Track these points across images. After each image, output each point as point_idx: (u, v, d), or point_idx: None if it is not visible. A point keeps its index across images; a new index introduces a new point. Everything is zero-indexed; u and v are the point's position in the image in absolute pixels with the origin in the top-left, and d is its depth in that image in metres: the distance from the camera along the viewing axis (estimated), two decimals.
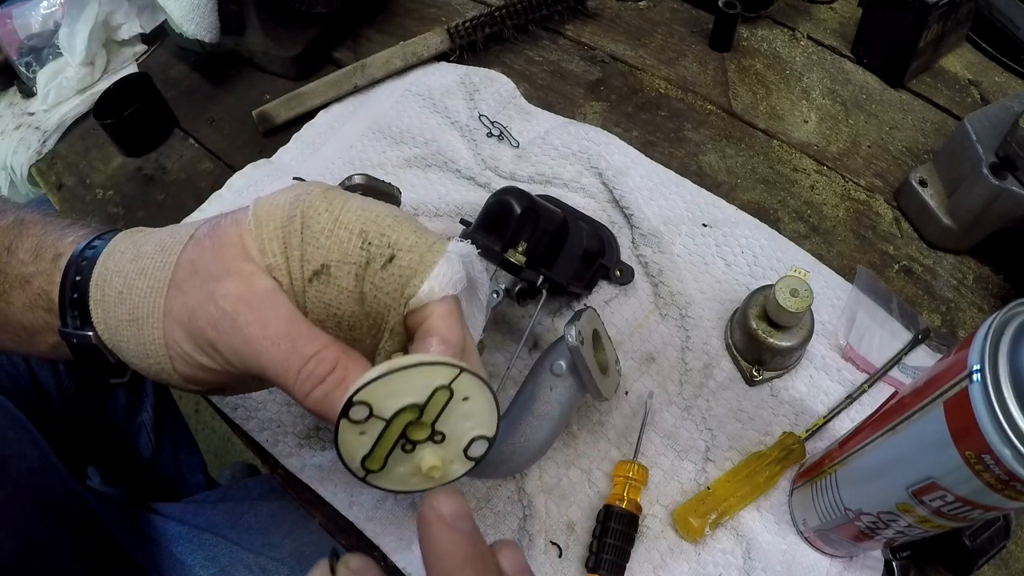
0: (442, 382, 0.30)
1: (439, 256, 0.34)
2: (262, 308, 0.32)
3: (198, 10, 0.77)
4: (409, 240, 0.34)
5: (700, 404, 0.59)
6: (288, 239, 0.33)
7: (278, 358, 0.31)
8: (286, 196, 0.35)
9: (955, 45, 0.82)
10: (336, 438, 0.30)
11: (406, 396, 0.30)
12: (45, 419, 0.65)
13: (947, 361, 0.36)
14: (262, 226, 0.34)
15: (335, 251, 0.33)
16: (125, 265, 0.35)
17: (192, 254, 0.34)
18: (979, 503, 0.35)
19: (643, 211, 0.68)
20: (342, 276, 0.33)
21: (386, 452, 0.31)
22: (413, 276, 0.33)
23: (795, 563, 0.52)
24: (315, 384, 0.31)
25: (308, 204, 0.34)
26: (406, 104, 0.81)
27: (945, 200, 0.66)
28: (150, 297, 0.34)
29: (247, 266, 0.33)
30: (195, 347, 0.33)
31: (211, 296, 0.32)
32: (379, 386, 0.29)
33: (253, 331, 0.31)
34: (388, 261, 0.33)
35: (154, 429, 0.82)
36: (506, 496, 0.56)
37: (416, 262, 0.33)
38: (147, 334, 0.34)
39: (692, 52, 0.84)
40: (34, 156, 0.86)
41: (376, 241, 0.33)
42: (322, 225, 0.33)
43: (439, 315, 0.33)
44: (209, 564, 0.59)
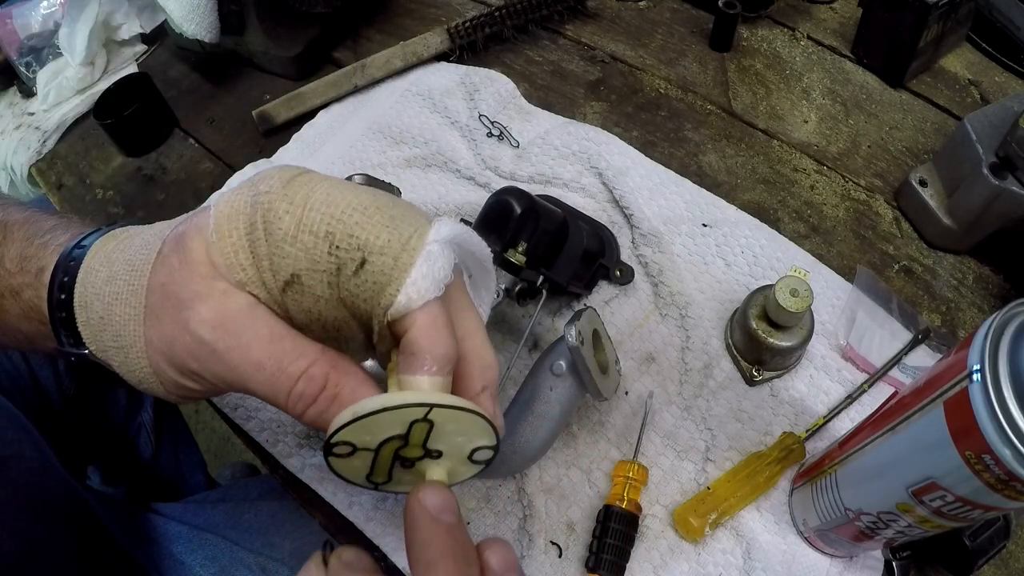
0: (416, 417, 0.29)
1: (416, 255, 0.30)
2: (240, 332, 0.30)
3: (198, 10, 0.77)
4: (381, 239, 0.30)
5: (700, 404, 0.59)
6: (255, 248, 0.31)
7: (265, 382, 0.30)
8: (244, 196, 0.32)
9: (955, 45, 0.82)
10: (330, 467, 0.30)
11: (384, 432, 0.30)
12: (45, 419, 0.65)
13: (947, 361, 0.36)
14: (224, 237, 0.31)
15: (303, 259, 0.31)
16: (101, 287, 0.34)
17: (161, 276, 0.33)
18: (979, 503, 0.35)
19: (643, 211, 0.68)
20: (314, 284, 0.31)
21: (387, 469, 0.32)
22: (388, 284, 0.30)
23: (795, 563, 0.52)
24: (307, 405, 0.30)
25: (268, 206, 0.31)
26: (406, 104, 0.81)
27: (945, 200, 0.66)
28: (129, 325, 0.33)
29: (218, 284, 0.31)
30: (180, 375, 0.32)
31: (185, 326, 0.31)
32: (354, 429, 0.29)
33: (235, 358, 0.30)
34: (359, 266, 0.30)
35: (154, 429, 0.82)
36: (506, 496, 0.56)
37: (389, 266, 0.30)
38: (134, 362, 0.33)
39: (692, 52, 0.84)
40: (34, 156, 0.86)
41: (344, 244, 0.30)
42: (285, 231, 0.31)
43: (420, 327, 0.30)
44: (209, 564, 0.59)
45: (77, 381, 0.71)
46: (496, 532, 0.54)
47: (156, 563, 0.59)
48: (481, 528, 0.55)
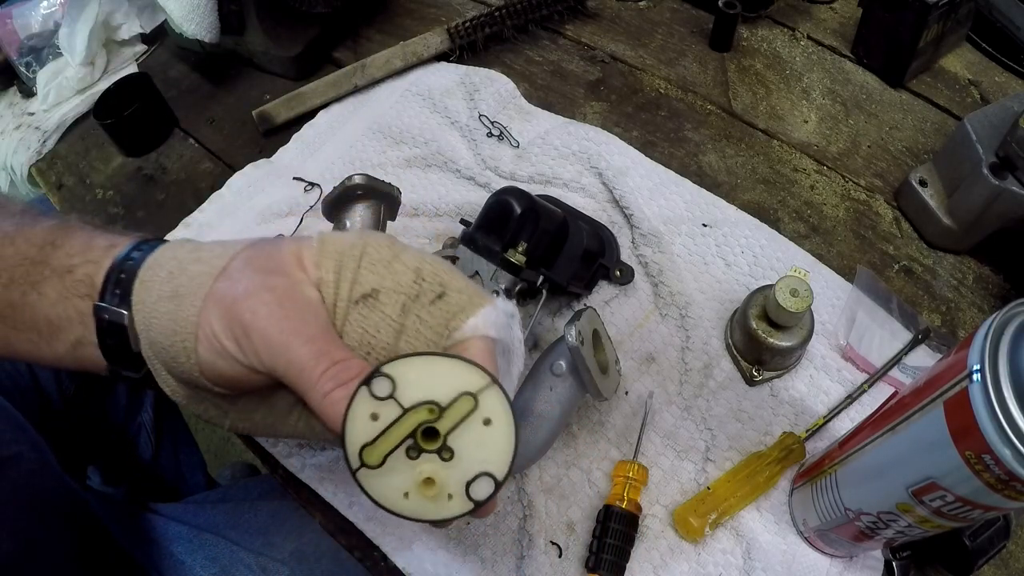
0: (471, 388, 0.30)
1: (487, 302, 0.35)
2: (304, 310, 0.33)
3: (198, 10, 0.77)
4: (459, 284, 0.35)
5: (700, 404, 0.59)
6: (344, 262, 0.35)
7: (307, 355, 0.32)
8: (353, 233, 0.37)
9: (955, 45, 0.82)
10: (347, 410, 0.30)
11: (432, 390, 0.30)
12: (45, 419, 0.65)
13: (947, 361, 0.36)
14: (324, 246, 0.35)
15: (388, 279, 0.35)
16: (183, 254, 0.37)
17: (250, 253, 0.36)
18: (979, 503, 0.35)
19: (643, 211, 0.68)
20: (389, 303, 0.34)
21: (390, 448, 0.31)
22: (460, 312, 0.34)
23: (795, 563, 0.52)
24: (337, 384, 0.31)
25: (372, 239, 0.36)
26: (406, 104, 0.81)
27: (945, 200, 0.66)
28: (199, 278, 0.35)
29: (298, 274, 0.34)
30: (226, 330, 0.33)
31: (260, 285, 0.33)
32: (410, 365, 0.30)
33: (290, 324, 0.32)
34: (438, 297, 0.35)
35: (154, 429, 0.82)
36: (506, 496, 0.56)
37: (465, 301, 0.35)
38: (184, 310, 0.34)
39: (692, 52, 0.84)
40: (34, 156, 0.86)
41: (429, 279, 0.35)
42: (381, 256, 0.35)
43: (478, 349, 0.34)
44: (209, 564, 0.59)
45: (77, 381, 0.71)
46: (496, 532, 0.55)
47: (156, 563, 0.59)
48: (481, 528, 0.55)
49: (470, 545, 0.54)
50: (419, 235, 0.71)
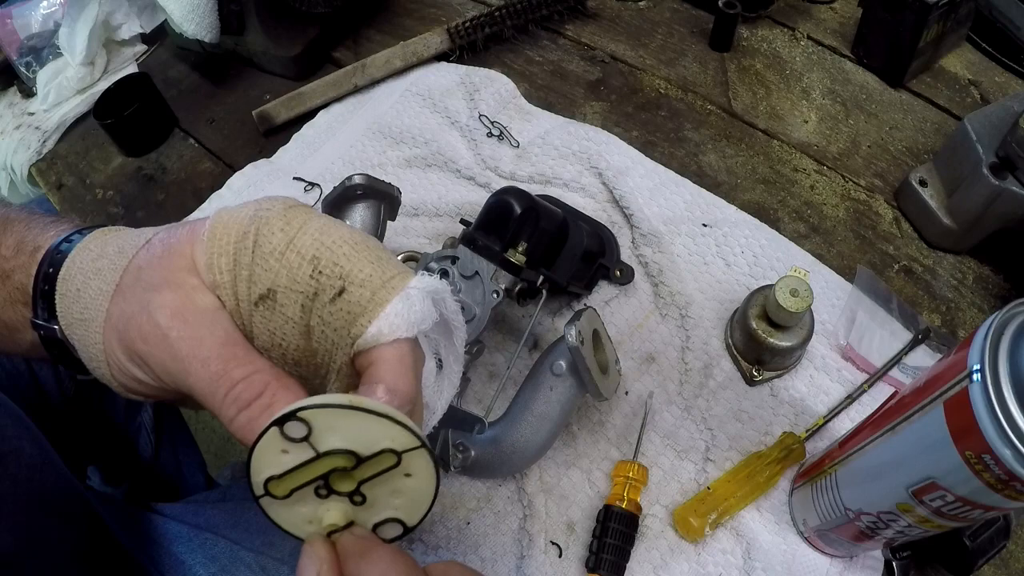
0: (396, 447, 0.27)
1: (394, 293, 0.31)
2: (198, 325, 0.30)
3: (198, 10, 0.77)
4: (364, 272, 0.31)
5: (700, 404, 0.59)
6: (239, 257, 0.31)
7: (206, 379, 0.29)
8: (246, 211, 0.33)
9: (955, 45, 0.82)
10: (255, 443, 0.27)
11: (352, 441, 0.27)
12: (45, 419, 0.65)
13: (947, 361, 0.36)
14: (215, 240, 0.32)
15: (283, 276, 0.31)
16: (87, 264, 0.35)
17: (141, 259, 0.33)
18: (979, 503, 0.35)
19: (643, 211, 0.68)
20: (288, 304, 0.31)
21: (297, 485, 0.28)
22: (361, 314, 0.30)
23: (795, 563, 0.52)
24: (240, 408, 0.29)
25: (264, 221, 0.32)
26: (406, 104, 0.81)
27: (945, 200, 0.66)
28: (98, 299, 0.33)
29: (190, 279, 0.31)
30: (128, 358, 0.32)
31: (146, 307, 0.31)
32: (331, 415, 0.27)
33: (184, 348, 0.30)
34: (337, 294, 0.31)
35: (154, 429, 0.82)
36: (506, 496, 0.56)
37: (367, 299, 0.30)
38: (91, 337, 0.33)
39: (692, 52, 0.84)
40: (34, 156, 0.86)
41: (327, 271, 0.31)
42: (274, 245, 0.31)
43: (387, 361, 0.30)
44: (209, 563, 0.59)
45: (77, 381, 0.71)
46: (496, 532, 0.55)
47: (156, 562, 0.59)
48: (481, 528, 0.55)
49: (470, 545, 0.54)
50: (419, 235, 0.71)
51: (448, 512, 0.56)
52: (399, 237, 0.70)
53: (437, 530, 0.55)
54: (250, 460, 0.28)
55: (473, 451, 0.52)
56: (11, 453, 0.47)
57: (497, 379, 0.61)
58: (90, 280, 0.34)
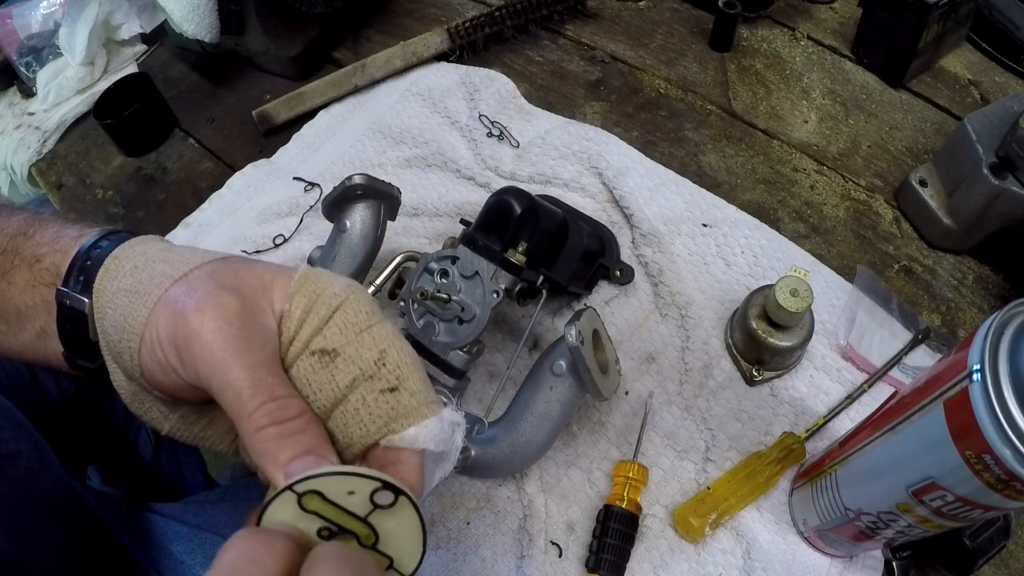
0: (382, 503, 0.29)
1: (434, 413, 0.33)
2: (254, 336, 0.31)
3: (198, 10, 0.77)
4: (416, 384, 0.34)
5: (700, 404, 0.59)
6: (316, 307, 0.33)
7: (246, 381, 0.30)
8: (341, 281, 0.35)
9: (955, 45, 0.82)
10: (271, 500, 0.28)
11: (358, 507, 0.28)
12: (45, 419, 0.65)
13: (947, 361, 0.36)
14: (304, 281, 0.34)
15: (353, 346, 0.33)
16: (152, 251, 0.36)
17: (217, 266, 0.34)
18: (979, 503, 0.35)
19: (643, 211, 0.68)
20: (342, 370, 0.33)
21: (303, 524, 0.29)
22: (406, 416, 0.33)
23: (795, 563, 0.52)
24: (273, 422, 0.30)
25: (356, 297, 0.34)
26: (406, 104, 0.81)
27: (945, 200, 0.66)
28: (159, 279, 0.34)
29: (261, 300, 0.33)
30: (170, 337, 0.32)
31: (216, 299, 0.32)
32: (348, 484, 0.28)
33: (236, 345, 0.31)
34: (390, 389, 0.33)
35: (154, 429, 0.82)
36: (506, 496, 0.56)
37: (414, 406, 0.33)
38: (137, 308, 0.33)
39: (692, 52, 0.84)
40: (34, 156, 0.86)
41: (391, 367, 0.33)
42: (357, 320, 0.33)
43: (412, 464, 0.32)
44: (209, 563, 0.59)
45: (77, 381, 0.71)
46: (496, 532, 0.55)
47: (156, 563, 0.59)
48: (481, 528, 0.55)
49: (470, 545, 0.54)
50: (419, 235, 0.71)
51: (448, 512, 0.56)
52: (399, 237, 0.70)
53: (437, 530, 0.55)
54: (263, 513, 0.28)
55: (473, 451, 0.51)
56: (8, 456, 0.47)
57: (497, 379, 0.61)
58: (154, 263, 0.35)
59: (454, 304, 0.53)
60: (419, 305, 0.55)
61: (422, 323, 0.55)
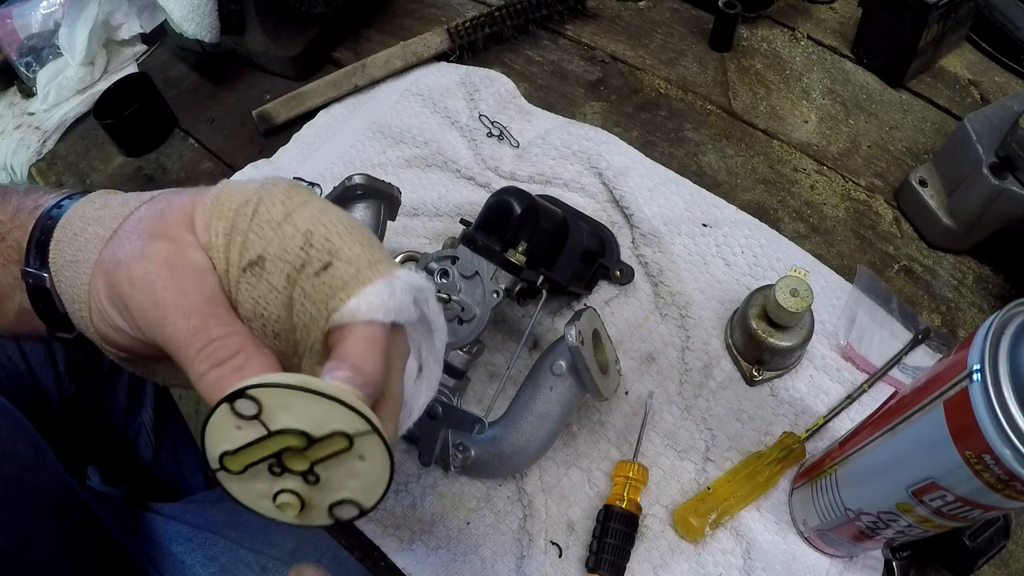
0: (347, 430, 0.27)
1: (378, 276, 0.31)
2: (185, 278, 0.30)
3: (198, 10, 0.77)
4: (353, 251, 0.31)
5: (700, 404, 0.59)
6: (237, 223, 0.32)
7: (184, 331, 0.29)
8: (252, 184, 0.33)
9: (955, 45, 0.82)
10: (208, 417, 0.27)
11: (303, 421, 0.27)
12: (45, 419, 0.65)
13: (947, 361, 0.36)
14: (217, 204, 0.32)
15: (275, 244, 0.31)
16: (88, 212, 0.35)
17: (143, 212, 0.34)
18: (979, 503, 0.35)
19: (643, 211, 0.68)
20: (275, 273, 0.31)
21: (251, 461, 0.28)
22: (342, 288, 0.30)
23: (795, 563, 0.52)
24: (212, 365, 0.29)
25: (267, 193, 0.33)
26: (406, 104, 0.81)
27: (945, 200, 0.66)
28: (93, 242, 0.33)
29: (186, 235, 0.32)
30: (110, 301, 0.32)
31: (139, 252, 0.31)
32: (281, 394, 0.26)
33: (168, 297, 0.30)
34: (323, 268, 0.31)
35: (154, 429, 0.82)
36: (506, 496, 0.56)
37: (351, 275, 0.31)
38: (79, 277, 0.33)
39: (692, 52, 0.84)
40: (34, 156, 0.86)
41: (318, 244, 0.31)
42: (271, 215, 0.32)
43: (359, 339, 0.30)
44: (209, 563, 0.59)
45: (77, 381, 0.71)
46: (496, 532, 0.55)
47: (156, 562, 0.59)
48: (481, 528, 0.55)
49: (470, 545, 0.54)
50: (419, 235, 0.71)
51: (448, 512, 0.56)
52: (399, 237, 0.70)
53: (437, 530, 0.55)
54: (204, 433, 0.28)
55: (473, 451, 0.52)
56: (5, 455, 0.46)
57: (497, 379, 0.61)
58: (89, 225, 0.34)
59: (454, 304, 0.53)
60: None
61: None
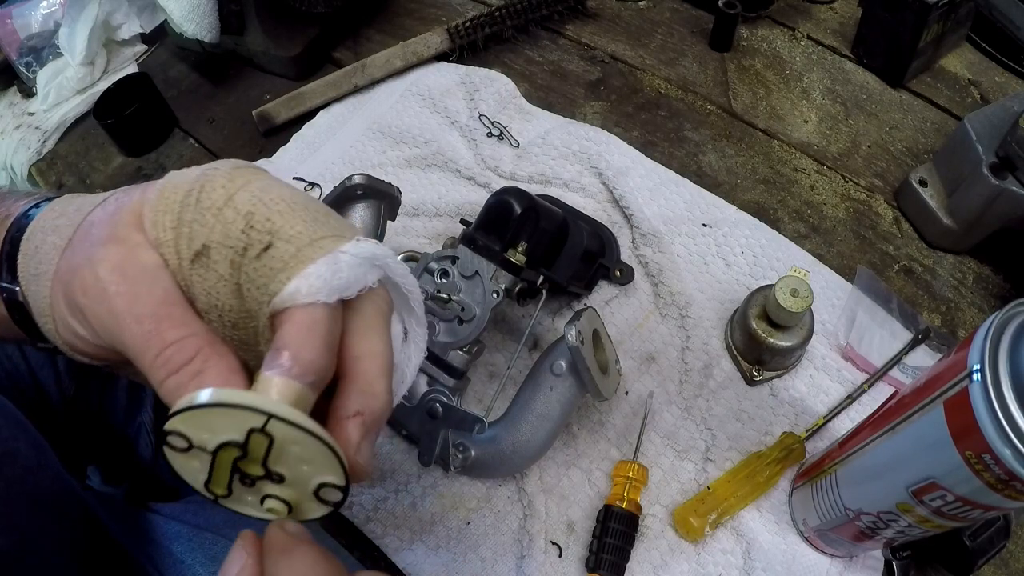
0: (254, 425, 0.26)
1: (321, 254, 0.29)
2: (137, 282, 0.29)
3: (198, 10, 0.77)
4: (294, 229, 0.29)
5: (700, 404, 0.59)
6: (183, 215, 0.31)
7: (139, 337, 0.29)
8: (195, 171, 0.32)
9: (955, 45, 0.82)
10: (166, 461, 0.27)
11: (220, 433, 0.26)
12: (45, 419, 0.65)
13: (947, 361, 0.36)
14: (162, 198, 0.31)
15: (218, 231, 0.30)
16: (48, 222, 0.35)
17: (95, 215, 0.33)
18: (979, 503, 0.35)
19: (643, 211, 0.68)
20: (220, 261, 0.30)
21: (226, 480, 0.28)
22: (282, 270, 0.29)
23: (795, 563, 0.52)
24: (169, 372, 0.28)
25: (209, 179, 0.31)
26: (406, 104, 0.81)
27: (945, 200, 0.66)
28: (51, 254, 0.33)
29: (135, 236, 0.31)
30: (69, 311, 0.31)
31: (90, 260, 0.30)
32: (188, 419, 0.26)
33: (120, 304, 0.29)
34: (263, 250, 0.29)
35: (154, 429, 0.82)
36: (506, 496, 0.56)
37: (291, 255, 0.29)
38: (42, 290, 0.33)
39: (692, 52, 0.84)
40: (34, 156, 0.86)
41: (259, 226, 0.29)
42: (213, 201, 0.30)
43: (295, 324, 0.28)
44: (209, 563, 0.59)
45: (77, 381, 0.71)
46: (496, 532, 0.55)
47: (156, 562, 0.59)
48: (481, 528, 0.55)
49: (470, 545, 0.54)
50: (419, 235, 0.71)
51: (448, 512, 0.56)
52: (399, 237, 0.70)
53: (437, 530, 0.55)
54: (181, 477, 0.28)
55: (473, 451, 0.52)
56: (6, 455, 0.46)
57: (497, 379, 0.61)
58: (48, 236, 0.34)
59: (454, 304, 0.53)
60: None
61: None
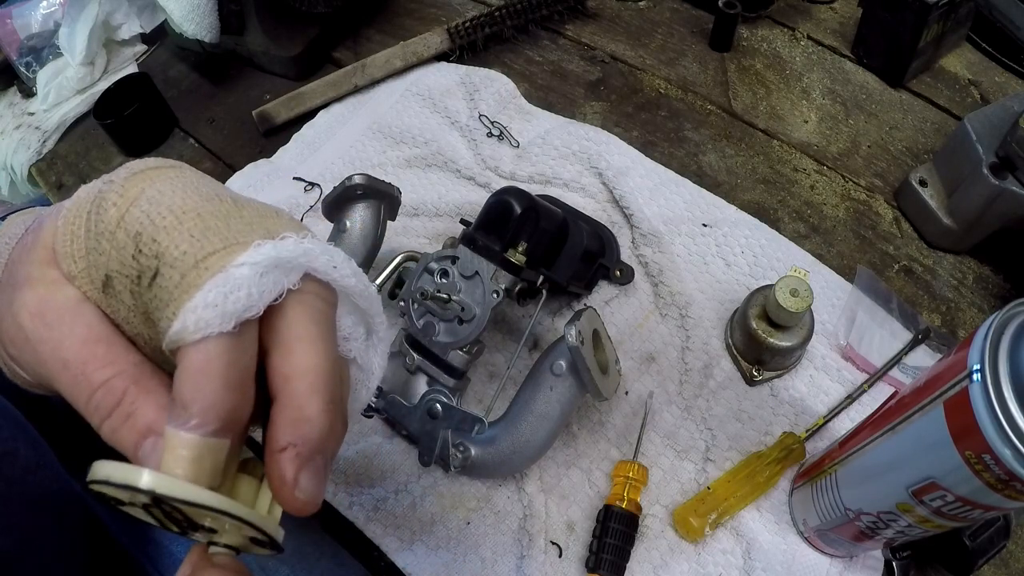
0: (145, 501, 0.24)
1: (207, 277, 0.24)
2: (58, 325, 0.27)
3: (198, 10, 0.77)
4: (180, 249, 0.25)
5: (700, 404, 0.59)
6: (87, 241, 0.27)
7: (69, 383, 0.27)
8: (95, 185, 0.28)
9: (955, 45, 0.82)
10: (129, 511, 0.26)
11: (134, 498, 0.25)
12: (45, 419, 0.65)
13: (947, 361, 0.36)
14: (69, 223, 0.28)
15: (114, 258, 0.26)
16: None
17: (15, 253, 0.30)
18: (979, 503, 0.35)
19: (643, 211, 0.68)
20: (122, 291, 0.26)
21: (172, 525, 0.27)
22: (168, 303, 0.25)
23: (795, 563, 0.52)
24: (103, 418, 0.27)
25: (103, 195, 0.27)
26: (406, 104, 0.81)
27: (945, 200, 0.66)
28: None
29: (51, 272, 0.28)
30: (5, 355, 0.29)
31: (11, 306, 0.28)
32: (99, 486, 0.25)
33: (45, 351, 0.27)
34: (152, 278, 0.25)
35: None
36: (506, 496, 0.56)
37: (175, 284, 0.25)
38: None
39: (692, 52, 0.84)
40: (34, 156, 0.86)
41: (146, 249, 0.25)
42: (106, 224, 0.26)
43: (186, 367, 0.24)
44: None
45: None
46: (496, 532, 0.55)
47: (156, 562, 0.59)
48: (481, 528, 0.55)
49: (470, 545, 0.54)
50: (419, 235, 0.71)
51: (448, 512, 0.56)
52: (399, 237, 0.70)
53: (437, 530, 0.55)
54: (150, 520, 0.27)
55: (473, 451, 0.52)
56: (6, 455, 0.46)
57: (497, 379, 0.61)
58: None
59: (454, 304, 0.53)
60: (419, 305, 0.55)
61: (422, 323, 0.55)
